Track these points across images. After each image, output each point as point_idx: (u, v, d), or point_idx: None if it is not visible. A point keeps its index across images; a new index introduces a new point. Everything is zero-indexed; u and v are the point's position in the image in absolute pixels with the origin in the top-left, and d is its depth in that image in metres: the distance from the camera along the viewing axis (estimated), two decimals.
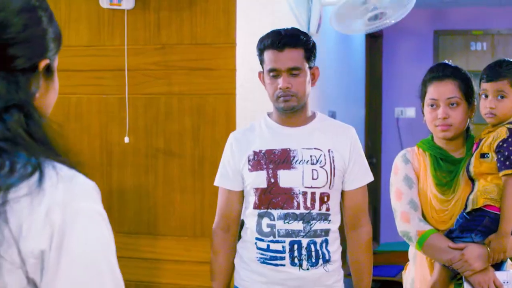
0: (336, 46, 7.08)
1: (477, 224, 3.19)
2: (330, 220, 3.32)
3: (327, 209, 3.31)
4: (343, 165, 3.34)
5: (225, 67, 4.29)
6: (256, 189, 3.32)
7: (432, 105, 3.34)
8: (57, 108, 4.64)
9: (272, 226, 3.29)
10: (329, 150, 3.32)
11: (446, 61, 3.46)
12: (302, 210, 3.26)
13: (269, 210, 3.30)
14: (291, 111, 3.32)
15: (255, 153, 3.35)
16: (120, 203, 4.55)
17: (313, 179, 3.27)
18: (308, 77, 3.32)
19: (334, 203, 3.34)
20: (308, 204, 3.27)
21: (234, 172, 3.42)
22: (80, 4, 4.54)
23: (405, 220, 3.35)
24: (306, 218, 3.27)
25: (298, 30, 3.37)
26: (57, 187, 1.37)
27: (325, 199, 3.30)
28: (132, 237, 4.52)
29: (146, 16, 4.46)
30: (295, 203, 3.27)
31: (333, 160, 3.31)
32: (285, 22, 5.22)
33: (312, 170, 3.28)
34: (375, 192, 8.97)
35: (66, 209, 1.36)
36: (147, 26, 4.46)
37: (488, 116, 3.27)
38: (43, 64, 1.50)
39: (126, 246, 4.51)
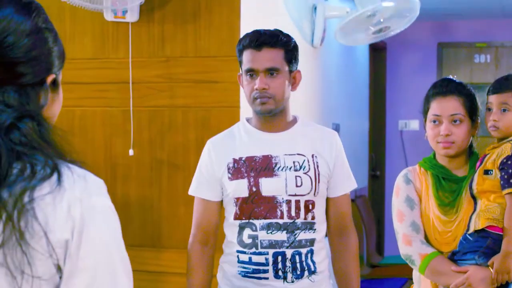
0: (340, 59, 7.09)
1: (480, 245, 3.10)
2: (315, 229, 3.17)
3: (313, 218, 3.16)
4: (328, 171, 3.19)
5: (229, 80, 4.30)
6: (237, 198, 3.15)
7: (434, 121, 3.26)
8: (61, 121, 4.64)
9: (254, 237, 3.12)
10: (312, 156, 3.18)
11: (451, 77, 3.40)
12: (286, 219, 3.11)
13: (251, 221, 3.13)
14: (269, 114, 3.16)
15: (235, 160, 3.18)
16: (124, 215, 4.55)
17: (297, 186, 3.12)
18: (288, 80, 3.16)
19: (319, 211, 3.21)
20: (293, 213, 3.12)
21: (212, 181, 3.24)
22: (85, 17, 4.55)
23: (407, 243, 3.25)
24: (290, 228, 3.11)
25: (279, 30, 3.23)
26: (74, 185, 1.56)
27: (310, 207, 3.15)
28: (136, 249, 4.52)
29: (150, 29, 4.47)
30: (279, 212, 3.11)
31: (317, 166, 3.17)
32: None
33: (296, 177, 3.13)
34: (379, 205, 8.96)
35: (83, 204, 1.55)
36: (151, 39, 4.48)
37: (491, 129, 3.23)
38: (50, 79, 1.67)
39: (130, 258, 4.47)
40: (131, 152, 4.45)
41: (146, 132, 4.50)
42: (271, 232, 3.11)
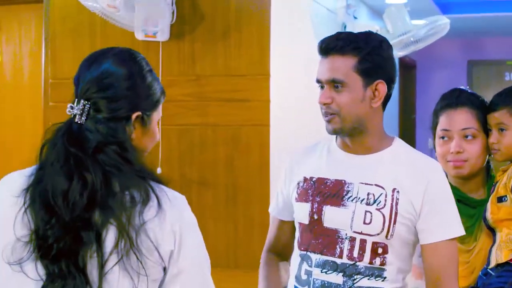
0: None
1: (505, 281, 2.68)
2: (385, 278, 2.56)
3: (382, 264, 2.55)
4: (412, 212, 2.55)
5: (259, 98, 4.31)
6: (300, 224, 2.69)
7: (443, 137, 2.89)
8: None
9: (309, 274, 2.63)
10: (393, 190, 2.55)
11: (463, 87, 3.01)
12: (344, 259, 2.56)
13: (308, 253, 2.64)
14: (338, 134, 2.65)
15: (305, 179, 2.69)
16: None
17: (364, 223, 2.55)
18: (360, 94, 2.56)
19: (395, 258, 2.57)
20: (354, 254, 2.55)
21: (285, 199, 2.80)
22: (116, 37, 4.58)
23: (417, 276, 2.84)
24: (348, 271, 2.55)
25: (366, 33, 2.66)
26: (171, 206, 1.96)
27: (380, 250, 2.55)
28: None
29: (180, 48, 4.49)
30: (338, 250, 2.57)
31: (396, 203, 2.54)
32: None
33: (366, 211, 2.56)
34: None
35: (180, 221, 1.98)
36: (181, 58, 4.50)
37: (493, 152, 2.86)
38: (134, 116, 2.01)
39: None
40: (159, 170, 4.46)
41: (175, 150, 4.51)
42: (325, 272, 2.59)
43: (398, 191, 2.55)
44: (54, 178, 1.88)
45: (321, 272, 2.58)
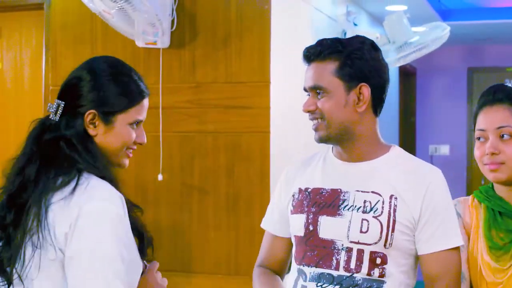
0: None
1: None
2: None
3: (381, 275, 2.41)
4: (410, 219, 2.42)
5: (259, 106, 4.31)
6: (295, 237, 2.55)
7: (479, 138, 2.54)
8: None
9: None
10: (391, 197, 2.43)
11: (508, 83, 2.69)
12: (341, 271, 2.42)
13: (302, 267, 2.50)
14: (326, 142, 2.53)
15: (300, 191, 2.58)
16: (155, 240, 4.55)
17: (361, 232, 2.41)
18: (343, 99, 2.46)
19: (395, 270, 2.43)
20: (351, 265, 2.41)
21: (281, 213, 2.66)
22: (116, 43, 4.59)
23: None
24: (345, 284, 2.41)
25: (348, 37, 2.59)
26: (81, 194, 2.06)
27: (378, 261, 2.41)
28: (166, 274, 4.50)
29: (181, 55, 4.50)
30: (334, 262, 2.43)
31: (394, 210, 2.41)
32: None
33: (362, 220, 2.42)
34: None
35: (84, 208, 2.04)
36: (182, 65, 4.50)
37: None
38: (87, 114, 2.18)
39: None
40: (160, 177, 4.47)
41: (176, 157, 4.51)
42: (321, 286, 2.44)
43: (396, 198, 2.43)
44: (14, 163, 2.21)
45: (317, 286, 2.44)
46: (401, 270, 2.44)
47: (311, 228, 2.48)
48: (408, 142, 9.35)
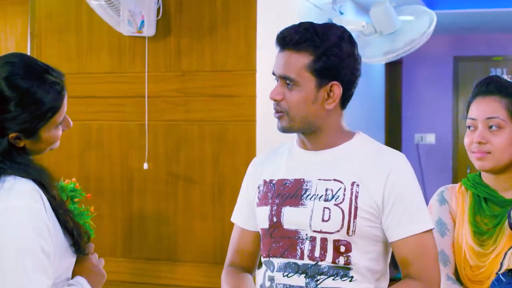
0: None
1: None
2: (352, 278, 2.39)
3: (347, 263, 2.38)
4: (373, 205, 2.38)
5: (245, 94, 4.31)
6: (261, 230, 2.53)
7: (469, 127, 2.63)
8: (78, 135, 4.69)
9: (271, 280, 2.46)
10: (352, 184, 2.39)
11: (504, 75, 2.71)
12: (306, 260, 2.39)
13: (270, 259, 2.47)
14: (287, 132, 2.49)
15: (265, 183, 2.54)
16: (140, 229, 4.56)
17: (323, 220, 2.38)
18: (311, 95, 2.40)
19: (361, 257, 2.40)
20: (316, 254, 2.38)
21: (249, 206, 2.63)
22: (102, 32, 4.58)
23: None
24: (310, 272, 2.38)
25: (324, 26, 2.44)
26: (0, 193, 2.08)
27: (342, 249, 2.38)
28: (152, 263, 4.53)
29: (167, 43, 4.49)
30: (299, 251, 2.41)
31: (356, 197, 2.38)
32: None
33: (324, 208, 2.39)
34: None
35: None
36: (167, 53, 4.49)
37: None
38: (10, 136, 2.16)
39: (146, 272, 4.51)
40: (145, 166, 4.46)
41: (162, 146, 4.51)
42: (287, 275, 2.42)
43: (358, 184, 2.38)
44: None
45: (283, 276, 2.42)
46: (369, 258, 2.40)
47: (275, 219, 2.45)
48: (394, 131, 9.37)
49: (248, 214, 2.62)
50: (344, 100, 2.47)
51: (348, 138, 2.50)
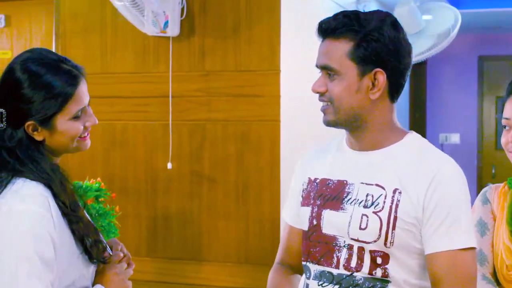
0: None
1: None
2: None
3: (385, 275, 2.19)
4: (414, 216, 2.16)
5: (269, 94, 4.31)
6: (302, 231, 2.38)
7: (505, 126, 2.52)
8: (103, 135, 4.71)
9: (307, 287, 2.33)
10: (394, 191, 2.19)
11: None
12: (341, 270, 2.23)
13: (307, 264, 2.33)
14: (333, 127, 2.31)
15: (309, 180, 2.39)
16: (164, 228, 4.57)
17: (360, 228, 2.20)
18: (355, 84, 2.22)
19: (400, 270, 2.20)
20: (352, 264, 2.22)
21: (295, 203, 2.45)
22: (126, 32, 4.59)
23: None
24: (345, 283, 2.23)
25: (367, 13, 2.28)
26: (5, 195, 2.08)
27: (379, 260, 2.19)
28: (176, 262, 4.54)
29: (191, 43, 4.49)
30: (335, 259, 2.25)
31: (396, 205, 2.17)
32: None
33: (362, 215, 2.21)
34: None
35: (2, 207, 2.06)
36: (191, 53, 4.50)
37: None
38: (26, 125, 2.17)
39: (170, 271, 4.52)
40: (169, 165, 4.47)
41: (186, 145, 4.51)
42: (321, 285, 2.28)
43: (400, 192, 2.18)
44: None
45: (318, 285, 2.28)
46: (407, 271, 2.21)
47: (314, 222, 2.30)
48: (418, 131, 9.29)
49: (295, 211, 2.45)
50: (393, 92, 2.29)
51: (398, 139, 2.30)
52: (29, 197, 2.08)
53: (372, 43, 2.19)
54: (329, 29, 2.25)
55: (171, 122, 4.50)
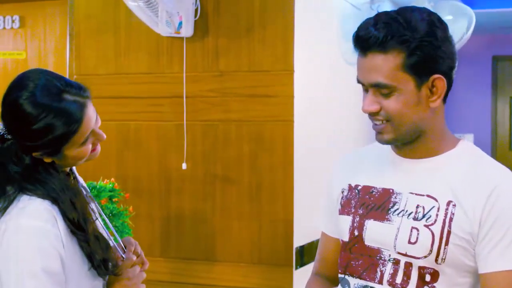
0: None
1: None
2: None
3: None
4: (469, 231, 2.02)
5: (283, 94, 4.30)
6: (341, 241, 2.25)
7: None
8: (116, 135, 4.72)
9: None
10: (448, 203, 2.04)
11: None
12: (385, 285, 2.09)
13: (346, 277, 2.20)
14: (392, 144, 2.17)
15: (350, 187, 2.26)
16: (177, 229, 4.57)
17: (409, 242, 2.05)
18: (415, 97, 2.05)
19: None
20: (398, 280, 2.07)
21: (331, 210, 2.34)
22: (140, 33, 4.59)
23: None
24: None
25: (407, 14, 2.06)
26: (11, 212, 2.09)
27: (428, 278, 2.04)
28: (189, 263, 4.54)
29: (204, 43, 4.49)
30: (378, 274, 2.11)
31: (450, 219, 2.02)
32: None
33: (412, 228, 2.06)
34: None
35: (8, 223, 2.07)
36: (205, 54, 4.50)
37: None
38: (34, 155, 2.17)
39: (183, 272, 4.52)
40: (184, 166, 4.47)
41: (199, 146, 4.51)
42: None
43: (454, 205, 2.03)
44: None
45: None
46: None
47: (356, 233, 2.17)
48: None
49: (330, 218, 2.34)
50: (447, 92, 2.15)
51: (451, 147, 2.16)
52: (34, 213, 2.09)
53: (426, 49, 2.01)
54: (375, 42, 2.02)
55: (185, 122, 4.50)
